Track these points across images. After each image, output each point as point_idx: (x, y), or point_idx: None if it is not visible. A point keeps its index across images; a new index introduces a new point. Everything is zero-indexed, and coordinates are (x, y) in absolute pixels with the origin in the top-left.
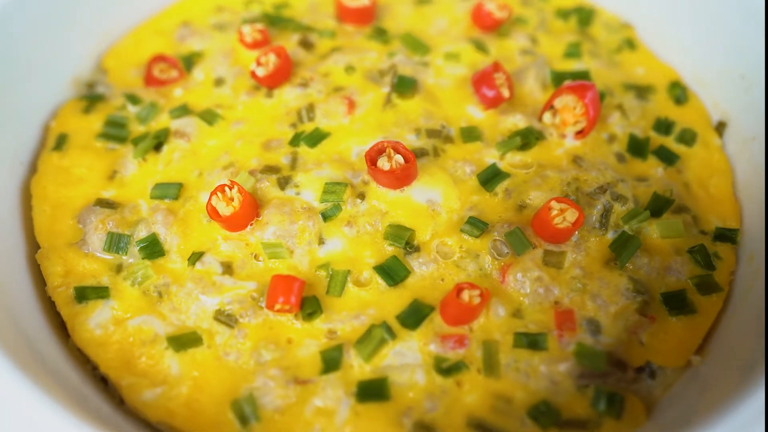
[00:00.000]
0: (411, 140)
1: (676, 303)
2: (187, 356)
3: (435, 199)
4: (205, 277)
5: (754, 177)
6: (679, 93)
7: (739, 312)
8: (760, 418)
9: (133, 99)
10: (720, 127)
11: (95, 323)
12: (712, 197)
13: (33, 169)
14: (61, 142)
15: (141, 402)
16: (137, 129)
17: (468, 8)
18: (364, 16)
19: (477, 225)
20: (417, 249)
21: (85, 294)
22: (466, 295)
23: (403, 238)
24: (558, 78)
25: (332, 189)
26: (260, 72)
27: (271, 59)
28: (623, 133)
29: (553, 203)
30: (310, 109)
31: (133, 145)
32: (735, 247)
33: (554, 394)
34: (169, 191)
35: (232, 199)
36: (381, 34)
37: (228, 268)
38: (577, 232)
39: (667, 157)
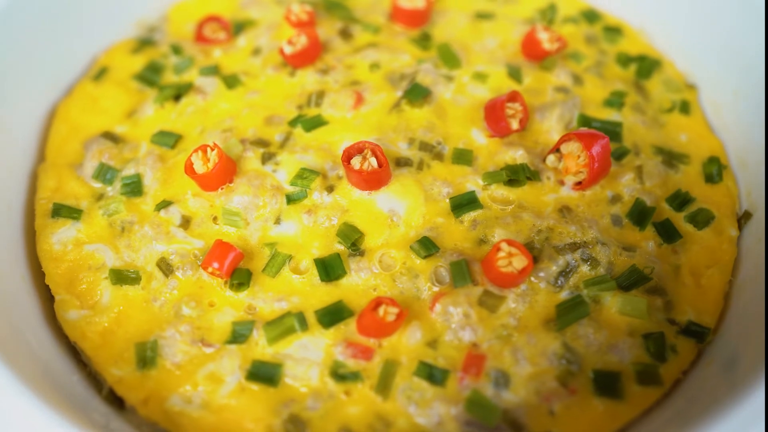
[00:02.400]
0: (401, 148)
1: (606, 384)
2: (120, 291)
3: (397, 211)
4: (163, 225)
5: (755, 278)
6: (714, 170)
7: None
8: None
9: (177, 50)
10: (744, 218)
11: (57, 239)
12: (700, 288)
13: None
14: (100, 74)
15: (64, 319)
16: (170, 78)
17: (525, 33)
18: (416, 19)
19: (427, 246)
20: (361, 253)
21: (60, 211)
22: (381, 310)
23: (351, 239)
24: (584, 122)
25: (304, 175)
26: (288, 50)
27: (301, 40)
28: (630, 197)
29: (503, 245)
30: (320, 95)
31: (158, 90)
32: (698, 346)
33: (439, 429)
34: (168, 140)
35: (209, 160)
36: (424, 40)
37: (186, 223)
38: (526, 283)
39: (669, 234)
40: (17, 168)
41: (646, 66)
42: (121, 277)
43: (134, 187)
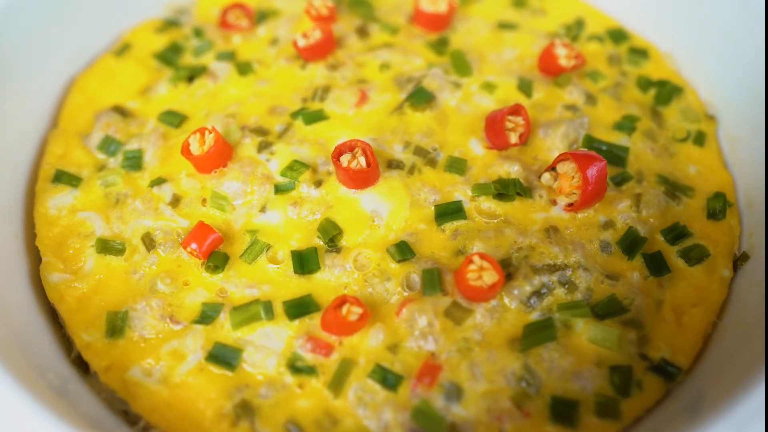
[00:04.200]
0: (396, 150)
1: (562, 411)
2: (104, 260)
3: (381, 212)
4: (153, 201)
5: (742, 322)
6: (718, 207)
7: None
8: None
9: (199, 33)
10: (741, 259)
11: (54, 203)
12: (681, 326)
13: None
14: (123, 50)
15: (47, 280)
16: (188, 60)
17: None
18: (436, 23)
19: (403, 251)
20: (338, 250)
21: (61, 177)
22: (345, 309)
23: (329, 234)
24: (589, 144)
25: (295, 167)
26: (301, 43)
27: (315, 34)
28: (624, 224)
29: (476, 258)
30: (326, 90)
31: (174, 71)
32: (667, 385)
33: None
34: (174, 119)
35: (205, 142)
36: (441, 45)
37: (176, 201)
38: (497, 299)
39: (657, 267)
40: (30, 132)
41: (666, 92)
42: (107, 246)
43: (134, 162)
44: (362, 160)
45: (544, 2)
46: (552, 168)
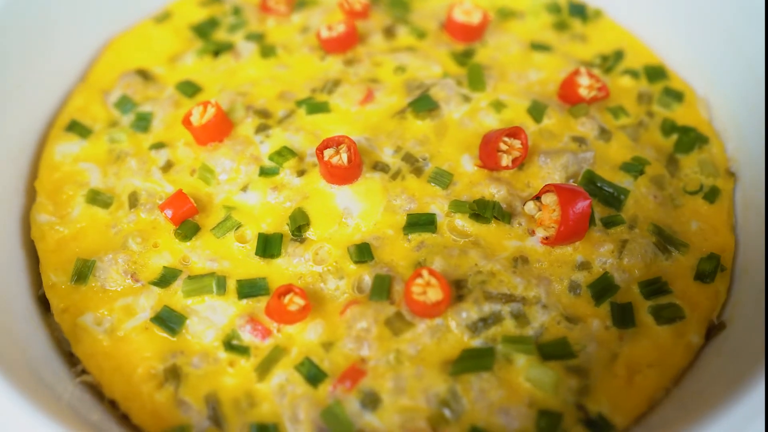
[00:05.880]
0: (386, 153)
1: None
2: (90, 210)
3: (352, 211)
4: (147, 163)
5: (700, 393)
6: (709, 269)
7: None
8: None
9: (237, 11)
10: (717, 329)
11: (61, 150)
12: (630, 385)
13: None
14: (164, 18)
15: (35, 218)
16: (221, 35)
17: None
18: (466, 34)
19: (362, 253)
20: (302, 240)
21: (74, 127)
22: (287, 298)
23: (297, 223)
24: (589, 180)
25: (283, 153)
26: (324, 34)
27: (339, 28)
28: (601, 268)
29: (424, 272)
30: (336, 84)
31: (204, 43)
32: None
33: (293, 426)
34: (188, 89)
35: (205, 116)
36: (465, 56)
37: (168, 167)
38: (442, 318)
39: (623, 319)
40: (56, 87)
41: (689, 139)
42: (96, 198)
43: (143, 124)
44: (344, 157)
45: (587, 28)
46: (537, 197)
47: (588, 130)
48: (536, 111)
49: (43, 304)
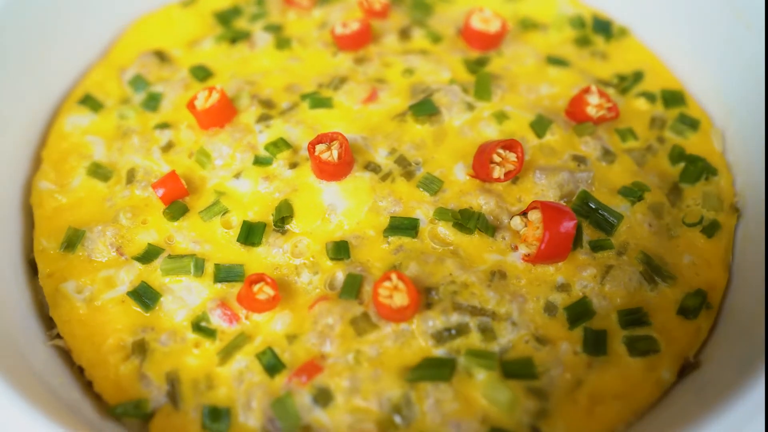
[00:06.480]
0: (380, 153)
1: None
2: (90, 182)
3: (337, 208)
4: (150, 142)
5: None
6: (695, 304)
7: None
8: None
9: (261, 2)
10: (691, 367)
11: (71, 121)
12: (590, 415)
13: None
14: (189, 3)
15: (36, 185)
16: (242, 23)
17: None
18: (483, 42)
19: (339, 251)
20: (283, 232)
21: (87, 101)
22: (257, 287)
23: (280, 214)
24: (583, 201)
25: (278, 144)
26: (338, 31)
27: (353, 26)
28: (579, 292)
29: (393, 276)
30: (342, 80)
31: (223, 30)
32: None
33: (245, 413)
34: (200, 73)
35: (209, 100)
36: (478, 64)
37: (168, 147)
38: (409, 323)
39: (595, 346)
40: (75, 62)
41: (696, 170)
42: (97, 171)
43: (153, 104)
44: (335, 153)
45: (610, 46)
46: (524, 213)
47: (591, 149)
48: (539, 125)
49: (32, 268)
